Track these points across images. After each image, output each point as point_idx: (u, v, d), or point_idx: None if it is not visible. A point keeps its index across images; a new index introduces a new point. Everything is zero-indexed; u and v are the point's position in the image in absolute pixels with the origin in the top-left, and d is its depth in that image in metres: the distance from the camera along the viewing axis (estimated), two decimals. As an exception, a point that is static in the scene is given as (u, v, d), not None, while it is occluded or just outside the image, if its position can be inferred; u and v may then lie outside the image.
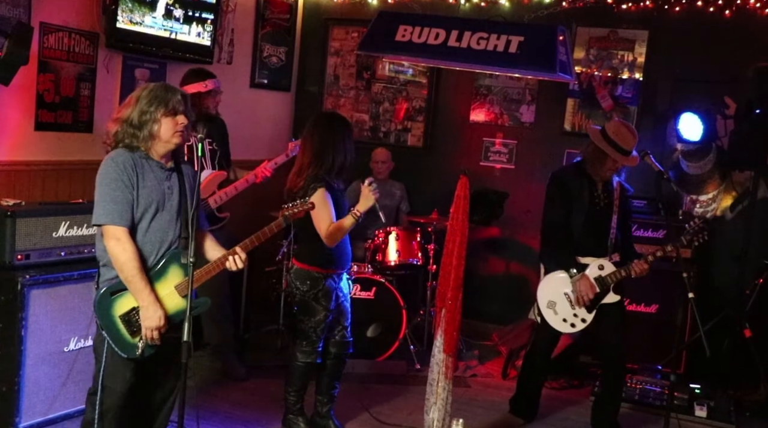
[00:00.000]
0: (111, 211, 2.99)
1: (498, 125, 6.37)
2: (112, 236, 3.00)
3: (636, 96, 5.94)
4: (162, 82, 3.19)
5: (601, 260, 4.22)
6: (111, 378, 3.10)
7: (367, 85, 6.79)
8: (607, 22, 5.96)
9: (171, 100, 3.07)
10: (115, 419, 3.14)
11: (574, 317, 4.26)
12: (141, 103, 3.06)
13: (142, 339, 3.06)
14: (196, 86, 4.63)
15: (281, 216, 3.40)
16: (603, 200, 4.28)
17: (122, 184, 3.00)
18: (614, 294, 4.23)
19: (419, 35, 4.48)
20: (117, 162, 3.02)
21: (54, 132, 4.61)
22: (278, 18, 6.60)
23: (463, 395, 4.91)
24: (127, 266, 3.00)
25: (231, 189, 4.77)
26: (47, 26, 4.44)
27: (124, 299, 3.07)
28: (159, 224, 3.10)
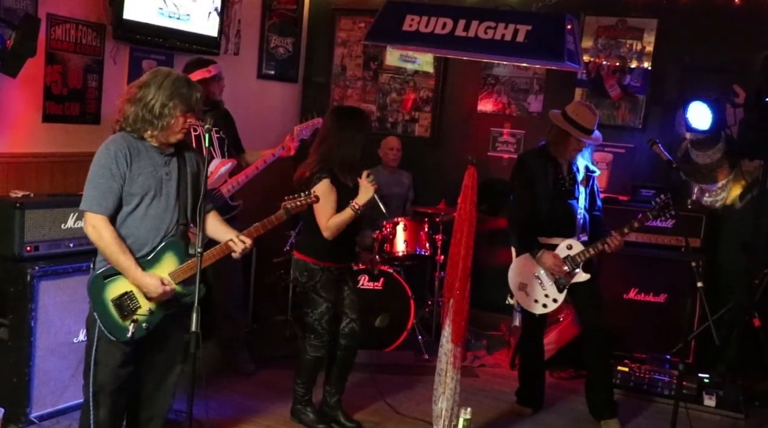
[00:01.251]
0: (91, 198, 3.04)
1: (506, 114, 6.35)
2: (90, 223, 3.05)
3: (645, 85, 5.90)
4: (183, 76, 3.16)
5: (569, 240, 4.29)
6: (103, 354, 3.13)
7: (374, 76, 6.77)
8: (616, 11, 5.92)
9: (192, 100, 3.07)
10: (108, 399, 3.16)
11: (545, 297, 4.35)
12: (163, 93, 3.03)
13: (134, 323, 3.09)
14: (201, 73, 4.61)
15: (283, 208, 3.40)
16: (568, 181, 4.34)
17: (108, 172, 3.02)
18: (584, 273, 4.28)
19: (426, 25, 4.45)
20: (110, 150, 3.04)
21: (62, 124, 4.62)
22: (285, 8, 6.58)
23: (471, 385, 4.91)
24: (108, 251, 3.04)
25: (242, 177, 4.75)
26: (54, 18, 4.45)
27: (116, 284, 3.10)
28: (156, 211, 3.11)
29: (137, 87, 3.08)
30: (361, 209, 3.91)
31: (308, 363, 4.15)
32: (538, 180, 4.32)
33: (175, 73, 3.14)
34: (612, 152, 6.04)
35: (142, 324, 3.12)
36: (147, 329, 3.14)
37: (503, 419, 4.51)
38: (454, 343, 3.76)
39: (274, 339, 5.55)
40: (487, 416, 4.49)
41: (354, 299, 4.22)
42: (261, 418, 4.27)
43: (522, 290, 4.38)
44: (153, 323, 3.15)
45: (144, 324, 3.12)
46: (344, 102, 6.85)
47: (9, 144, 4.32)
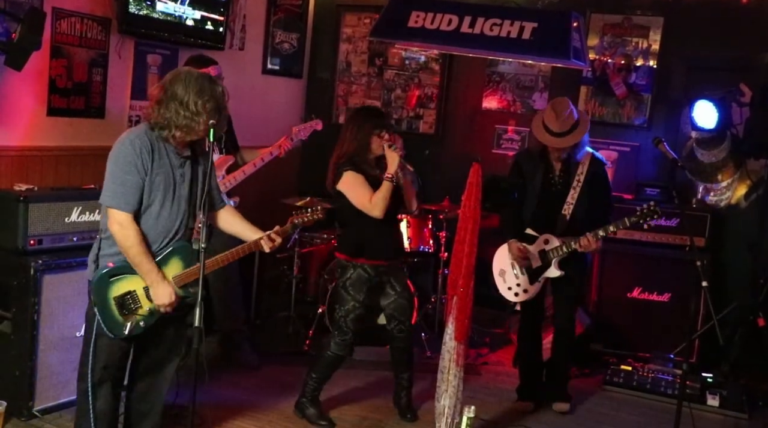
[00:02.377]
0: (118, 194, 3.00)
1: (510, 112, 6.33)
2: (116, 220, 3.01)
3: (650, 83, 5.89)
4: (203, 73, 3.14)
5: (547, 235, 4.34)
6: (101, 349, 3.13)
7: (379, 72, 6.76)
8: (622, 9, 5.90)
9: (218, 95, 3.06)
10: (108, 390, 3.18)
11: (517, 286, 4.45)
12: (192, 90, 3.00)
13: (132, 322, 3.10)
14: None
15: (290, 222, 3.41)
16: (559, 180, 4.38)
17: (135, 169, 2.99)
18: (555, 269, 4.34)
19: (432, 21, 4.45)
20: (135, 145, 3.00)
21: (66, 118, 4.62)
22: (290, 4, 6.57)
23: (474, 382, 4.91)
24: (132, 251, 3.02)
25: (239, 173, 4.76)
26: (60, 11, 4.44)
27: (122, 283, 3.10)
28: (167, 212, 3.11)
29: (161, 89, 3.05)
30: (395, 177, 3.96)
31: (327, 359, 4.17)
32: (528, 178, 4.41)
33: (194, 71, 3.13)
34: (617, 151, 6.04)
35: (140, 323, 3.13)
36: (144, 327, 3.15)
37: (506, 416, 4.50)
38: (458, 340, 3.75)
39: (277, 334, 5.55)
40: (490, 413, 4.48)
41: (402, 303, 4.21)
42: (263, 413, 4.27)
43: (501, 276, 4.52)
44: (150, 322, 3.16)
45: (141, 322, 3.13)
46: (348, 98, 6.85)
47: (13, 137, 4.32)
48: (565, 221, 4.35)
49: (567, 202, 4.34)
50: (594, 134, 6.01)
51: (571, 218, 4.34)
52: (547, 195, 4.38)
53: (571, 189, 4.34)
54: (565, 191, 4.35)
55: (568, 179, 4.36)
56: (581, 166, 4.36)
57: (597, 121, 6.05)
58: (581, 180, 4.33)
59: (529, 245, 4.38)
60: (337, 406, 4.45)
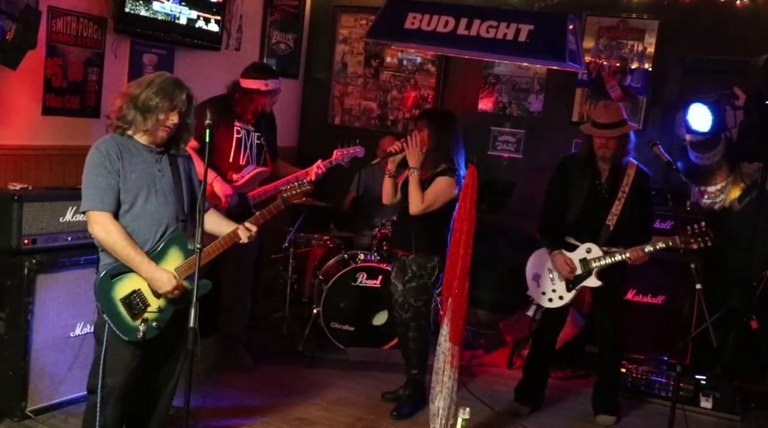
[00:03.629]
0: (93, 196, 3.03)
1: (506, 114, 6.34)
2: (95, 221, 3.04)
3: (645, 86, 5.90)
4: (174, 77, 3.17)
5: (590, 244, 4.30)
6: (112, 360, 3.11)
7: (375, 73, 6.77)
8: (617, 12, 5.92)
9: (176, 99, 3.08)
10: (117, 402, 3.16)
11: (553, 292, 4.40)
12: (151, 90, 3.06)
13: (144, 323, 3.08)
14: (257, 83, 4.57)
15: (280, 198, 3.46)
16: (606, 188, 4.33)
17: (104, 169, 3.03)
18: (596, 279, 4.30)
19: (428, 23, 4.45)
20: (100, 150, 3.06)
21: (61, 117, 4.61)
22: (287, 5, 6.57)
23: (468, 384, 4.91)
24: (118, 246, 3.03)
25: (271, 188, 4.70)
26: (55, 10, 4.43)
27: (124, 282, 3.09)
28: (152, 207, 3.12)
29: (131, 85, 3.14)
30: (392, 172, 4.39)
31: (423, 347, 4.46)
32: (574, 184, 4.36)
33: (170, 76, 3.16)
34: (612, 153, 6.04)
35: (153, 323, 3.11)
36: (158, 328, 3.13)
37: (500, 418, 4.50)
38: (452, 342, 3.76)
39: (272, 335, 5.54)
40: (484, 415, 4.48)
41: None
42: (259, 414, 4.27)
43: (534, 280, 4.47)
44: (163, 321, 3.14)
45: (154, 322, 3.12)
46: (344, 100, 6.86)
47: (8, 136, 4.31)
48: (609, 231, 4.30)
49: (611, 212, 4.29)
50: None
51: (614, 229, 4.30)
52: (592, 202, 4.33)
53: (616, 199, 4.30)
54: (611, 199, 4.31)
55: (614, 188, 4.32)
56: (627, 177, 4.32)
57: (592, 123, 6.06)
58: (626, 191, 4.29)
59: (569, 253, 4.34)
60: (331, 407, 4.45)
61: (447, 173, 4.21)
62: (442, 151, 4.27)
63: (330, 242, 5.85)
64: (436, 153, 4.27)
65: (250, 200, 4.64)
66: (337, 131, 6.75)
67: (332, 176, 6.30)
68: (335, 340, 5.27)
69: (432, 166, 4.28)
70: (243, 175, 4.63)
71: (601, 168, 4.35)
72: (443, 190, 4.18)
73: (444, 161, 4.26)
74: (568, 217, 4.37)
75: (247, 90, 4.58)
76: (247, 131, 4.67)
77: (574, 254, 4.33)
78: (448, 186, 4.18)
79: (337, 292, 5.28)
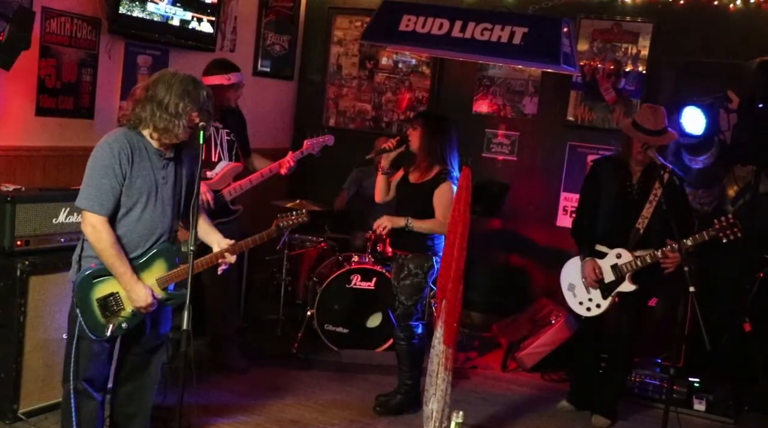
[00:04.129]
0: (92, 197, 3.01)
1: (501, 116, 6.35)
2: (89, 222, 3.03)
3: (639, 89, 5.92)
4: (189, 76, 3.12)
5: (619, 249, 4.24)
6: (83, 351, 3.14)
7: (369, 75, 6.76)
8: (611, 15, 5.93)
9: (201, 98, 3.05)
10: (91, 393, 3.18)
11: (590, 301, 4.33)
12: (174, 92, 3.00)
13: (113, 323, 3.10)
14: (219, 78, 4.58)
15: (275, 225, 3.43)
16: (636, 190, 4.27)
17: (111, 172, 3.00)
18: (630, 283, 4.23)
19: (423, 25, 4.45)
20: (113, 149, 3.01)
21: (55, 118, 4.59)
22: (282, 6, 6.57)
23: (462, 386, 4.91)
24: (105, 253, 3.03)
25: (246, 182, 4.72)
26: (49, 11, 4.42)
27: (105, 284, 3.10)
28: (150, 215, 3.11)
29: (144, 89, 3.05)
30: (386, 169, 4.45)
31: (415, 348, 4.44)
32: (603, 187, 4.32)
33: (181, 73, 3.11)
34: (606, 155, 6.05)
35: (122, 324, 3.13)
36: (126, 328, 3.16)
37: (494, 421, 4.51)
38: (446, 344, 3.76)
39: (266, 337, 5.53)
40: (478, 418, 4.48)
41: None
42: (252, 415, 4.26)
43: (571, 290, 4.42)
44: (132, 324, 3.16)
45: (123, 324, 3.14)
46: (339, 101, 6.86)
47: (1, 137, 4.29)
48: (639, 234, 4.24)
49: (642, 216, 4.23)
50: (583, 139, 6.07)
51: (644, 232, 4.24)
52: (622, 205, 4.27)
53: (647, 203, 4.24)
54: (641, 202, 4.24)
55: (645, 191, 4.25)
56: (659, 179, 4.19)
57: (586, 126, 6.08)
58: (658, 194, 4.20)
59: (600, 260, 4.29)
60: (325, 409, 4.44)
61: (444, 179, 4.22)
62: (436, 153, 4.28)
63: (324, 244, 5.84)
64: (429, 154, 4.29)
65: (226, 195, 4.64)
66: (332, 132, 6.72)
67: (325, 176, 6.33)
68: (329, 342, 5.27)
69: (426, 169, 4.29)
70: (216, 172, 4.62)
71: (633, 170, 4.30)
72: (449, 199, 4.16)
73: (437, 163, 4.27)
74: (599, 222, 4.32)
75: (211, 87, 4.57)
76: (216, 129, 4.65)
77: (604, 261, 4.27)
78: (451, 191, 4.19)
79: (331, 294, 5.28)
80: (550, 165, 6.20)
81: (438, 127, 4.35)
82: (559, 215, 6.20)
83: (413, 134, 4.35)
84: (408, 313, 4.35)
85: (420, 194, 4.28)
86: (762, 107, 4.81)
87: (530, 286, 6.29)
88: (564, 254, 6.01)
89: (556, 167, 6.17)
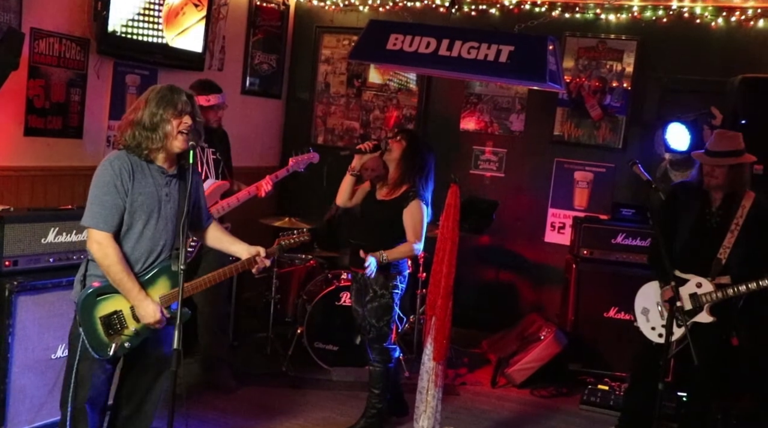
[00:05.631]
0: (97, 215, 3.01)
1: (488, 133, 6.40)
2: (95, 240, 3.02)
3: (624, 105, 5.99)
4: (167, 85, 3.14)
5: (700, 278, 4.04)
6: (85, 371, 3.11)
7: (357, 93, 6.81)
8: (596, 32, 6.01)
9: (178, 102, 3.05)
10: (89, 414, 3.14)
11: (662, 327, 4.07)
12: (150, 106, 3.03)
13: (117, 342, 3.08)
14: (198, 99, 4.59)
15: (277, 244, 3.43)
16: (716, 217, 4.07)
17: (114, 189, 3.00)
18: (708, 315, 4.02)
19: (410, 44, 4.50)
20: (114, 166, 3.02)
21: (43, 137, 4.60)
22: (269, 25, 6.61)
23: (452, 403, 4.91)
24: (112, 270, 3.02)
25: (233, 200, 4.74)
26: (38, 32, 4.43)
27: (109, 302, 3.08)
28: (152, 232, 3.10)
29: (129, 112, 3.10)
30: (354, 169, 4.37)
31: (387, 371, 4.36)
32: (681, 211, 4.17)
33: (160, 86, 3.13)
34: (593, 172, 6.12)
35: (125, 344, 3.11)
36: (129, 348, 3.13)
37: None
38: (436, 361, 3.77)
39: (256, 355, 5.51)
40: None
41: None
42: (241, 436, 4.25)
43: (644, 314, 4.25)
44: (135, 343, 3.14)
45: (127, 343, 3.11)
46: (327, 119, 6.89)
47: (-11, 157, 4.29)
48: (720, 265, 4.01)
49: (724, 245, 4.00)
50: (570, 155, 6.13)
51: (726, 262, 4.01)
52: (701, 232, 4.07)
53: (728, 232, 4.00)
54: (722, 231, 4.01)
55: (726, 219, 4.02)
56: (742, 208, 3.99)
57: (573, 142, 6.14)
58: (740, 223, 3.97)
59: (680, 287, 4.02)
60: (315, 427, 4.42)
61: (413, 197, 4.13)
62: (411, 172, 4.19)
63: (313, 262, 5.84)
64: (404, 171, 4.19)
65: (213, 213, 4.63)
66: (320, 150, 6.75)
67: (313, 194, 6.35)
68: (319, 360, 5.26)
69: (394, 185, 4.22)
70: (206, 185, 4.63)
71: (713, 197, 4.10)
72: (419, 218, 4.12)
73: (406, 182, 4.18)
74: (676, 245, 4.13)
75: None
76: (202, 148, 4.67)
77: (684, 288, 4.04)
78: (421, 209, 4.13)
79: (320, 312, 5.28)
80: (538, 181, 6.25)
81: (422, 148, 4.28)
82: (547, 231, 6.24)
83: (395, 145, 4.22)
84: (381, 334, 4.24)
85: (387, 211, 4.18)
86: (745, 122, 4.87)
87: (519, 302, 6.32)
88: (552, 270, 6.09)
89: (543, 183, 6.22)
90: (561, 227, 6.17)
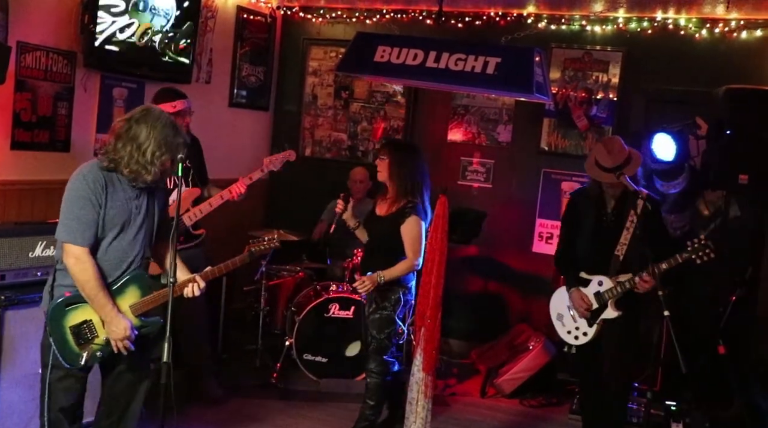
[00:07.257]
0: (74, 230, 3.01)
1: (475, 144, 6.42)
2: (72, 255, 3.02)
3: (610, 116, 6.03)
4: (171, 121, 3.13)
5: (601, 277, 4.21)
6: (57, 380, 3.10)
7: (345, 105, 6.83)
8: (582, 44, 6.06)
9: (178, 148, 3.08)
10: (66, 424, 3.14)
11: (576, 329, 4.28)
12: (154, 140, 3.01)
13: (88, 352, 3.08)
14: (164, 106, 4.59)
15: (247, 251, 3.42)
16: (611, 217, 4.24)
17: (89, 203, 3.01)
18: (613, 310, 4.17)
19: (398, 56, 4.52)
20: (87, 180, 3.02)
21: (30, 151, 4.58)
22: (257, 38, 6.63)
23: (442, 413, 4.91)
24: (88, 285, 3.02)
25: (205, 206, 4.73)
26: (25, 45, 4.43)
27: (78, 312, 3.09)
28: (121, 244, 3.11)
29: (126, 122, 3.06)
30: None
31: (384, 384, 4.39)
32: (582, 217, 4.31)
33: (165, 116, 3.11)
34: (580, 182, 6.14)
35: (97, 353, 3.11)
36: (101, 357, 3.14)
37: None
38: (425, 372, 3.78)
39: (245, 367, 5.50)
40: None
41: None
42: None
43: (559, 320, 4.36)
44: (107, 352, 3.14)
45: (98, 352, 3.12)
46: (314, 131, 6.90)
47: (-24, 171, 4.28)
48: (618, 261, 4.20)
49: (620, 242, 4.20)
50: (557, 166, 6.17)
51: (624, 258, 4.19)
52: (599, 234, 4.24)
53: (624, 229, 4.20)
54: (618, 230, 4.21)
55: (621, 218, 4.20)
56: (636, 206, 4.13)
57: (560, 153, 6.17)
58: (635, 220, 4.13)
59: (584, 288, 4.24)
60: (305, 440, 4.42)
61: (409, 214, 4.17)
62: (405, 183, 4.23)
63: (302, 274, 5.84)
64: (398, 186, 4.24)
65: (186, 221, 4.63)
66: (308, 162, 6.78)
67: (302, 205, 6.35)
68: (308, 372, 5.25)
69: (393, 200, 4.26)
70: (173, 198, 4.62)
71: (608, 200, 4.26)
72: (417, 234, 4.16)
73: (405, 195, 4.22)
74: (580, 252, 4.30)
75: None
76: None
77: (588, 289, 4.22)
78: (418, 225, 4.18)
79: (309, 323, 5.27)
80: (525, 192, 6.28)
81: (406, 157, 4.31)
82: (535, 241, 6.27)
83: (381, 165, 4.29)
84: (381, 347, 4.28)
85: (386, 228, 4.24)
86: (730, 133, 4.92)
87: (508, 312, 6.33)
88: (540, 280, 6.10)
89: (531, 193, 6.25)
90: (549, 237, 6.20)
